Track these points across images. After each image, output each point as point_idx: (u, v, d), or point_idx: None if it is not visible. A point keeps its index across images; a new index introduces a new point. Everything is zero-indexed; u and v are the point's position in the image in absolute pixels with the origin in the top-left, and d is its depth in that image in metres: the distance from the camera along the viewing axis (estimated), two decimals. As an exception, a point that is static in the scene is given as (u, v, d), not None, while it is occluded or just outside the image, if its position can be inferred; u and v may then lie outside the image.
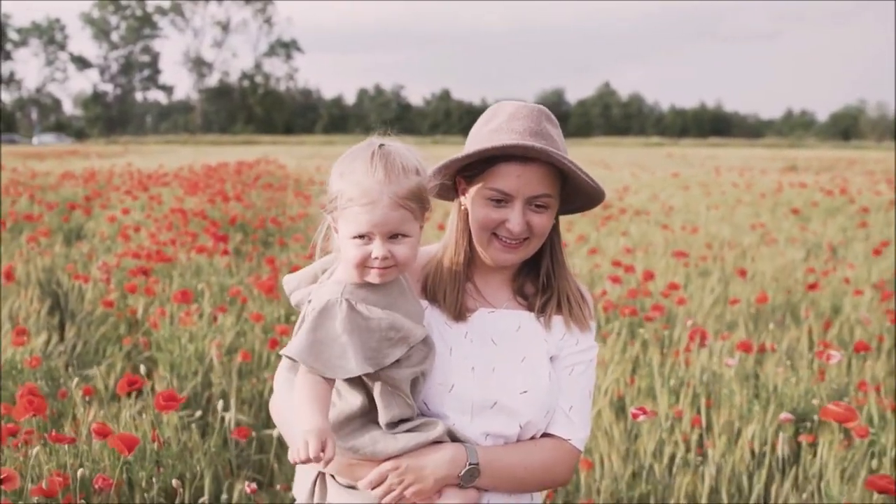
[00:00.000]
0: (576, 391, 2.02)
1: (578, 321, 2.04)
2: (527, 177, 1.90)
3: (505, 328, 2.01)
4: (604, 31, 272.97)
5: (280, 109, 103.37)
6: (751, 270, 8.52)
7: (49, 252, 8.47)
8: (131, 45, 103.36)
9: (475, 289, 2.05)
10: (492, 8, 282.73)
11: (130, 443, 2.80)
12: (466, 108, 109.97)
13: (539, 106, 1.98)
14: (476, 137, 1.98)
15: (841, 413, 3.03)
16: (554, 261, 2.06)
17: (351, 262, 1.77)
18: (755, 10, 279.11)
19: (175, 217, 10.56)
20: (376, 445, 1.80)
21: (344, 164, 1.81)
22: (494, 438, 1.92)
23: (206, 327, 5.49)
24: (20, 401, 3.16)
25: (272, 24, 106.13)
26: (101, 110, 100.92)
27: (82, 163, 27.89)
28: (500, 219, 1.93)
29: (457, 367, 1.93)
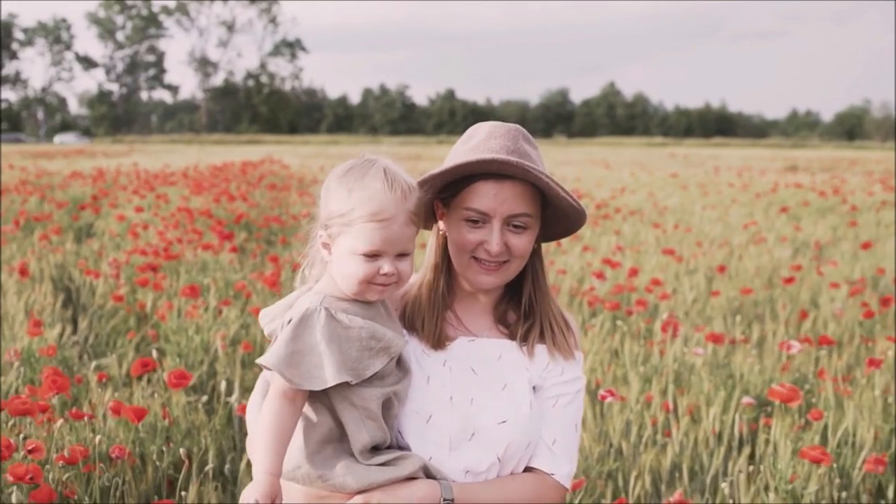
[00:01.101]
0: (560, 424, 1.95)
1: (562, 349, 1.97)
2: (503, 195, 1.86)
3: (485, 357, 1.95)
4: (609, 31, 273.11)
5: (285, 109, 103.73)
6: (737, 268, 8.85)
7: (61, 249, 8.82)
8: (137, 44, 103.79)
9: (455, 317, 2.00)
10: (497, 8, 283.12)
11: (140, 413, 3.12)
12: (471, 108, 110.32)
13: (516, 126, 1.96)
14: (454, 157, 1.93)
15: (785, 393, 3.36)
16: (536, 287, 2.00)
17: (355, 278, 1.74)
18: (760, 10, 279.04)
19: (181, 216, 10.90)
20: (346, 477, 1.74)
21: (349, 180, 1.76)
22: (474, 475, 1.86)
23: (212, 320, 5.81)
24: (45, 380, 3.48)
25: (277, 23, 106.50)
26: (107, 110, 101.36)
27: (89, 162, 28.24)
28: (477, 240, 1.88)
29: (434, 396, 1.88)
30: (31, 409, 3.22)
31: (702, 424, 4.12)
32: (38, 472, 2.67)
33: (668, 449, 3.93)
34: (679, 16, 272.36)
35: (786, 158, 41.38)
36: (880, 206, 15.41)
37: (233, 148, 52.50)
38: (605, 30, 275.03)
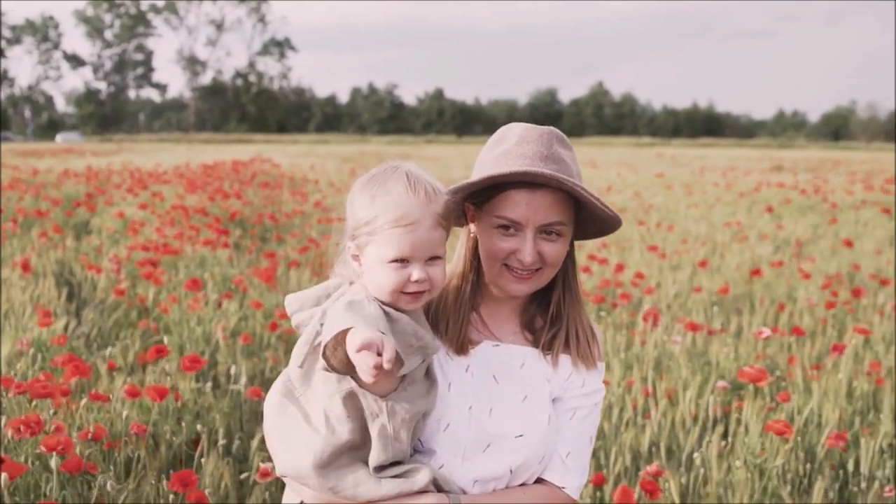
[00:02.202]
0: (575, 436, 1.93)
1: (585, 359, 1.93)
2: (537, 204, 1.81)
3: (508, 364, 1.92)
4: (597, 31, 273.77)
5: (273, 108, 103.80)
6: (718, 264, 9.14)
7: (61, 246, 9.05)
8: (125, 43, 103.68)
9: (480, 320, 1.97)
10: (486, 7, 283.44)
11: (162, 392, 3.37)
12: (459, 108, 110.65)
13: (550, 128, 1.90)
14: (484, 163, 1.89)
15: (754, 374, 3.63)
16: (566, 291, 1.96)
17: (386, 287, 1.70)
18: (748, 11, 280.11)
19: (177, 213, 11.13)
20: (358, 488, 1.73)
21: (373, 188, 1.74)
22: (483, 484, 1.84)
23: (212, 312, 6.06)
24: (66, 366, 3.72)
25: (266, 22, 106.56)
26: (95, 108, 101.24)
27: (78, 161, 28.36)
28: (509, 248, 1.84)
29: (454, 404, 1.85)
30: (53, 392, 3.46)
31: (679, 407, 4.39)
32: (68, 444, 2.91)
33: (647, 429, 4.20)
34: (669, 15, 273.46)
35: (772, 159, 41.76)
36: (860, 205, 15.75)
37: (222, 147, 52.60)
38: (594, 29, 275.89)
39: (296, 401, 1.79)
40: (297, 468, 1.74)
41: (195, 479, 2.99)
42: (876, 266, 9.41)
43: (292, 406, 1.79)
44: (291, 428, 1.77)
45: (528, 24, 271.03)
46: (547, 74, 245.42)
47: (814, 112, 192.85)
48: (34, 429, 3.03)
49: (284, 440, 1.78)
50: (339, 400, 1.72)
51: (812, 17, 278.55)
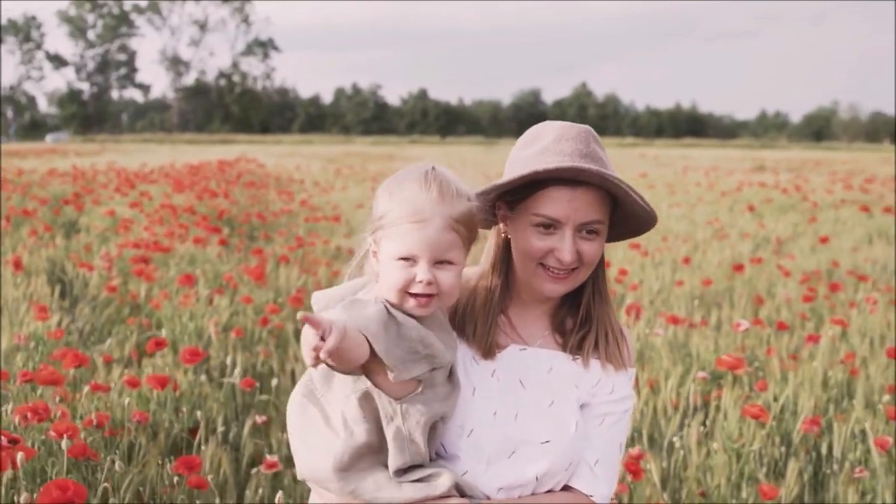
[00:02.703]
0: (604, 443, 1.88)
1: (614, 360, 1.90)
2: (578, 202, 1.78)
3: (535, 368, 1.88)
4: (581, 32, 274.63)
5: (257, 108, 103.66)
6: (700, 261, 9.32)
7: (52, 244, 9.14)
8: (108, 43, 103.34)
9: (509, 323, 1.93)
10: (469, 7, 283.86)
11: (162, 381, 3.50)
12: (443, 108, 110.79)
13: (585, 126, 1.87)
14: (519, 161, 1.85)
15: (731, 362, 3.79)
16: (596, 292, 1.92)
17: (393, 285, 1.67)
18: (732, 11, 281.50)
19: (165, 212, 11.24)
20: (378, 492, 1.70)
21: (393, 183, 1.73)
22: (508, 491, 1.80)
23: (204, 308, 6.19)
24: (66, 357, 3.85)
25: (250, 23, 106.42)
26: (77, 109, 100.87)
27: (62, 161, 28.36)
28: (547, 247, 1.80)
29: (478, 410, 1.82)
30: (58, 379, 3.59)
31: (661, 395, 4.55)
32: (75, 430, 3.03)
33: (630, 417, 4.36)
34: (652, 16, 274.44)
35: (754, 159, 42.07)
36: (839, 203, 15.98)
37: (205, 147, 52.53)
38: (577, 30, 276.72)
39: (317, 401, 1.77)
40: (317, 471, 1.73)
41: (199, 462, 3.12)
42: (854, 263, 9.61)
43: (313, 407, 1.77)
44: (311, 429, 1.76)
45: (511, 25, 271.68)
46: (530, 75, 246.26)
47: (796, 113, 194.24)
48: (42, 415, 3.15)
49: (305, 442, 1.77)
50: (354, 401, 1.70)
51: (795, 18, 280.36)
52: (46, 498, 2.33)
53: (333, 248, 9.61)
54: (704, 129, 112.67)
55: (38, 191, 14.99)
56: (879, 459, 3.66)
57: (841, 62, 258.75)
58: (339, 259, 9.05)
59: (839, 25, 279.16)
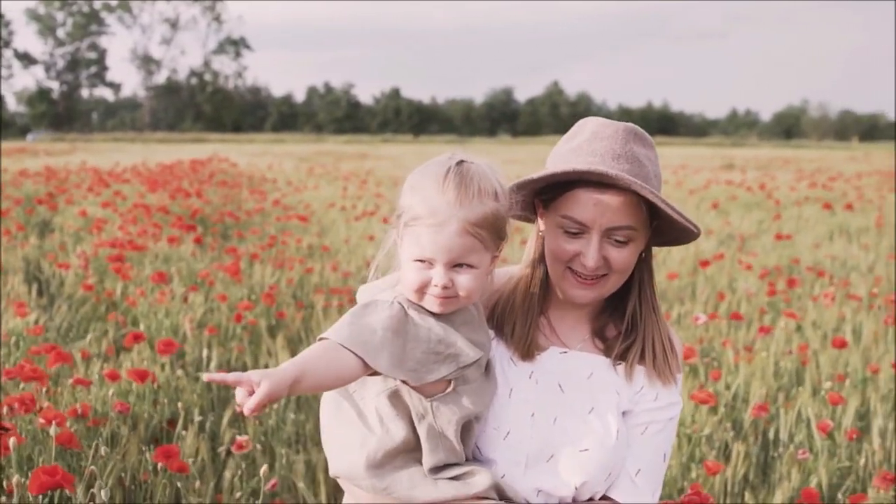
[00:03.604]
0: (647, 453, 1.81)
1: (663, 375, 1.83)
2: (604, 205, 1.70)
3: (575, 373, 1.82)
4: (553, 31, 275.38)
5: (229, 107, 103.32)
6: (665, 257, 9.55)
7: (25, 243, 9.25)
8: (78, 41, 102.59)
9: (549, 324, 1.87)
10: (442, 7, 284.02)
11: (142, 374, 3.66)
12: (416, 107, 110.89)
13: (628, 124, 1.79)
14: (555, 157, 1.81)
15: (683, 351, 4.00)
16: (642, 300, 1.85)
17: (409, 285, 1.63)
18: (703, 11, 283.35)
19: (139, 212, 11.36)
20: (414, 490, 1.67)
21: (417, 176, 1.66)
22: (547, 497, 1.75)
23: (179, 305, 6.34)
24: (50, 353, 4.00)
25: (221, 21, 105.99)
26: (47, 107, 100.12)
27: (33, 161, 28.27)
28: (574, 251, 1.74)
29: (515, 411, 1.77)
30: (41, 375, 3.74)
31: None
32: (62, 418, 3.19)
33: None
34: (624, 16, 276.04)
35: (723, 157, 42.52)
36: (803, 200, 16.32)
37: (178, 146, 52.37)
38: (550, 29, 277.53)
39: (350, 398, 1.74)
40: (349, 468, 1.70)
41: (177, 450, 3.29)
42: (814, 259, 9.89)
43: (346, 403, 1.74)
44: (345, 426, 1.73)
45: (484, 24, 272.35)
46: (503, 74, 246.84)
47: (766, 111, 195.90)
48: (28, 406, 3.31)
49: (338, 439, 1.74)
50: (384, 399, 1.67)
51: (764, 19, 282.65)
52: (36, 482, 2.49)
53: (306, 246, 9.77)
54: (676, 127, 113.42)
55: (11, 190, 15.02)
56: (822, 442, 3.89)
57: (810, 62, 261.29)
58: (312, 257, 9.22)
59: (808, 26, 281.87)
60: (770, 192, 17.75)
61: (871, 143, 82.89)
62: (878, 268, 9.50)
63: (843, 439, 3.99)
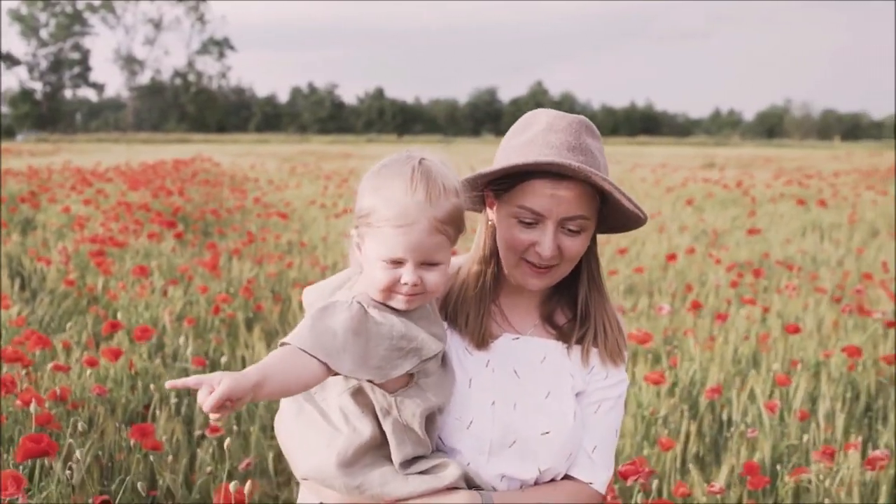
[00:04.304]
0: (601, 430, 1.88)
1: (614, 355, 1.89)
2: (561, 196, 1.74)
3: (529, 358, 1.87)
4: (537, 31, 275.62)
5: (213, 108, 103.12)
6: (639, 251, 9.75)
7: (8, 240, 9.37)
8: (61, 42, 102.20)
9: (500, 312, 1.91)
10: (426, 7, 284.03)
11: (117, 353, 3.81)
12: (400, 107, 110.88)
13: (580, 117, 1.82)
14: (507, 149, 1.82)
15: (641, 337, 4.19)
16: (592, 287, 1.90)
17: (377, 285, 1.65)
18: (685, 11, 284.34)
19: (121, 209, 11.48)
20: (385, 486, 1.68)
21: (379, 177, 1.66)
22: (510, 481, 1.80)
23: (159, 298, 6.49)
24: (30, 339, 4.14)
25: (205, 21, 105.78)
26: (30, 108, 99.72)
27: (16, 160, 28.27)
28: (529, 241, 1.77)
29: (476, 400, 1.81)
30: (22, 358, 3.89)
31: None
32: (40, 399, 3.34)
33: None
34: (607, 16, 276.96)
35: (705, 156, 42.80)
36: (778, 197, 16.56)
37: (161, 147, 52.30)
38: (533, 29, 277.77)
39: (311, 399, 1.76)
40: (319, 469, 1.71)
41: (152, 429, 3.44)
42: (785, 254, 10.10)
43: (308, 405, 1.76)
44: (311, 428, 1.74)
45: (467, 24, 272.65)
46: (487, 74, 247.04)
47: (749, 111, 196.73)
48: (9, 388, 3.46)
49: (303, 442, 1.75)
50: (348, 397, 1.70)
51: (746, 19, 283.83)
52: (22, 450, 2.64)
53: (285, 242, 9.92)
54: (659, 127, 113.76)
55: (-6, 189, 15.12)
56: (769, 421, 4.08)
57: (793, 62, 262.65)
58: (291, 253, 9.38)
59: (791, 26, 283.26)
60: (746, 189, 17.98)
61: (853, 142, 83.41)
62: (848, 262, 9.72)
63: (794, 420, 4.17)
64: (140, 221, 10.19)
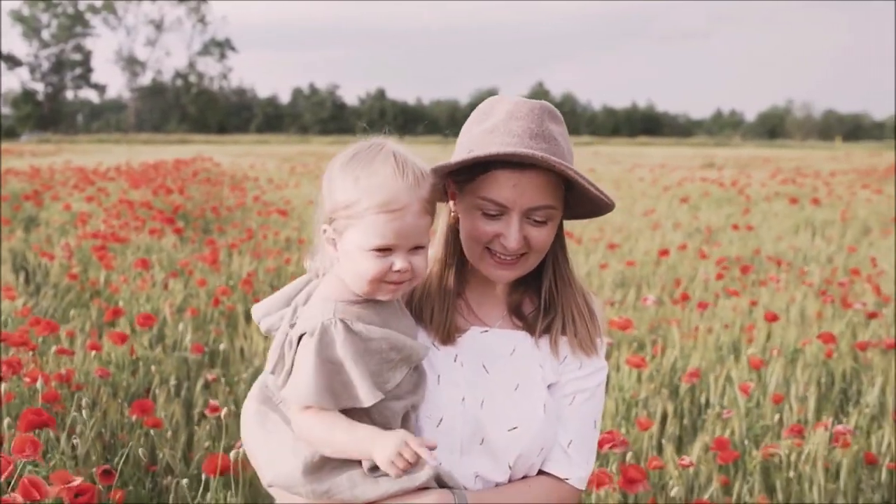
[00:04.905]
0: (576, 423, 1.82)
1: (584, 345, 1.83)
2: (524, 186, 1.69)
3: (498, 351, 1.82)
4: (538, 31, 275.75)
5: (214, 109, 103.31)
6: (632, 247, 9.92)
7: (12, 236, 9.56)
8: (63, 43, 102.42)
9: (466, 305, 1.86)
10: (427, 7, 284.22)
11: (123, 337, 3.99)
12: (401, 107, 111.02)
13: (542, 102, 1.78)
14: (469, 138, 1.78)
15: (622, 323, 4.36)
16: (558, 277, 1.84)
17: (365, 276, 1.60)
18: (687, 11, 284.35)
19: (122, 207, 11.67)
20: (355, 489, 1.64)
21: (355, 168, 1.62)
22: (484, 482, 1.76)
23: (160, 291, 6.66)
24: (38, 325, 4.32)
25: (206, 22, 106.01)
26: (32, 109, 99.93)
27: (18, 161, 28.45)
28: (493, 232, 1.72)
29: (446, 397, 1.76)
30: (28, 341, 4.06)
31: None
32: (46, 378, 3.52)
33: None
34: (607, 16, 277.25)
35: (705, 156, 42.94)
36: (773, 196, 16.73)
37: (162, 147, 52.45)
38: (534, 30, 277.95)
39: (275, 407, 1.74)
40: (285, 476, 1.68)
41: (153, 406, 3.62)
42: (776, 250, 10.27)
43: (272, 413, 1.74)
44: (275, 435, 1.71)
45: (468, 25, 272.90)
46: (488, 74, 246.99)
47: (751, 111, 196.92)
48: (16, 368, 3.63)
49: (269, 449, 1.72)
50: None
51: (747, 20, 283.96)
52: (24, 422, 2.81)
53: (283, 239, 10.09)
54: (660, 127, 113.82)
55: (-1, 188, 15.31)
56: (743, 402, 4.25)
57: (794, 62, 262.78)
58: (289, 249, 9.55)
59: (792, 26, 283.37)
60: (742, 188, 18.14)
61: (854, 142, 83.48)
62: (838, 259, 9.89)
63: (769, 403, 4.35)
64: (141, 218, 10.38)
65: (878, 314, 5.97)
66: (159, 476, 3.63)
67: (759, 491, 3.54)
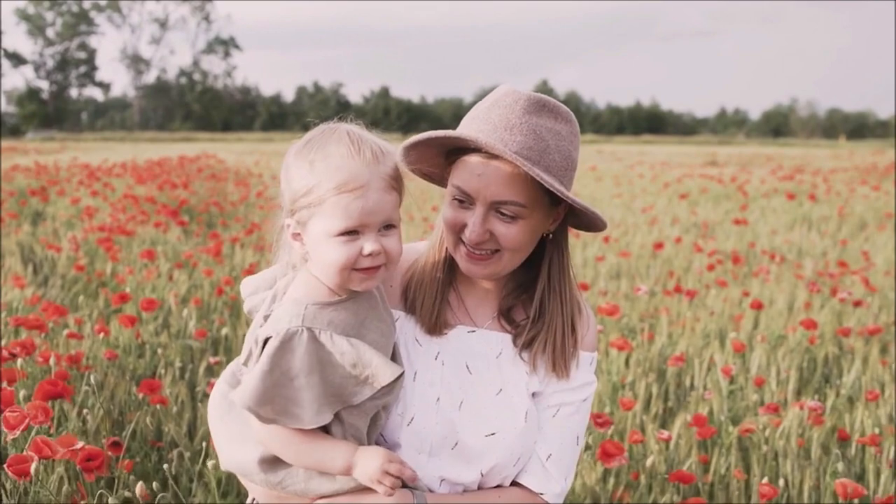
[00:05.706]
0: (558, 437, 1.73)
1: (558, 368, 1.73)
2: (489, 176, 1.60)
3: (483, 353, 1.74)
4: (542, 30, 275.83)
5: (218, 107, 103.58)
6: (628, 241, 10.08)
7: (19, 230, 9.75)
8: (67, 41, 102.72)
9: (458, 298, 1.79)
10: (431, 6, 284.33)
11: (132, 319, 4.16)
12: (405, 106, 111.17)
13: (537, 96, 1.66)
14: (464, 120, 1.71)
15: (609, 309, 4.53)
16: (551, 287, 1.74)
17: (335, 265, 1.52)
18: (692, 10, 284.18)
19: (128, 202, 11.86)
20: (309, 483, 1.60)
21: (310, 153, 1.54)
22: (451, 485, 1.68)
23: (165, 282, 6.84)
24: (47, 309, 4.50)
25: (211, 21, 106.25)
26: (37, 107, 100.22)
27: (23, 158, 28.66)
28: (462, 221, 1.65)
29: (419, 396, 1.68)
30: (42, 325, 4.25)
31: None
32: (57, 357, 3.69)
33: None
34: (612, 16, 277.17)
35: (708, 154, 43.04)
36: (771, 192, 16.87)
37: (167, 145, 52.67)
38: (538, 29, 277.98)
39: None
40: (241, 463, 1.65)
41: (160, 385, 3.79)
42: (771, 244, 10.43)
43: None
44: (236, 423, 1.67)
45: (473, 23, 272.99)
46: (492, 73, 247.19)
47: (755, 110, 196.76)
48: (29, 349, 3.81)
49: (229, 435, 1.68)
50: None
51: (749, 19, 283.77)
52: (41, 392, 2.99)
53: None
54: (664, 126, 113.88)
55: (4, 184, 15.47)
56: (726, 385, 4.42)
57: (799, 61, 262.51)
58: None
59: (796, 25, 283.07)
60: (741, 185, 18.28)
61: (858, 140, 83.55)
62: (833, 253, 10.04)
63: (751, 385, 4.52)
64: (146, 213, 10.57)
65: (863, 302, 6.14)
66: (165, 451, 3.81)
67: (735, 465, 3.71)
